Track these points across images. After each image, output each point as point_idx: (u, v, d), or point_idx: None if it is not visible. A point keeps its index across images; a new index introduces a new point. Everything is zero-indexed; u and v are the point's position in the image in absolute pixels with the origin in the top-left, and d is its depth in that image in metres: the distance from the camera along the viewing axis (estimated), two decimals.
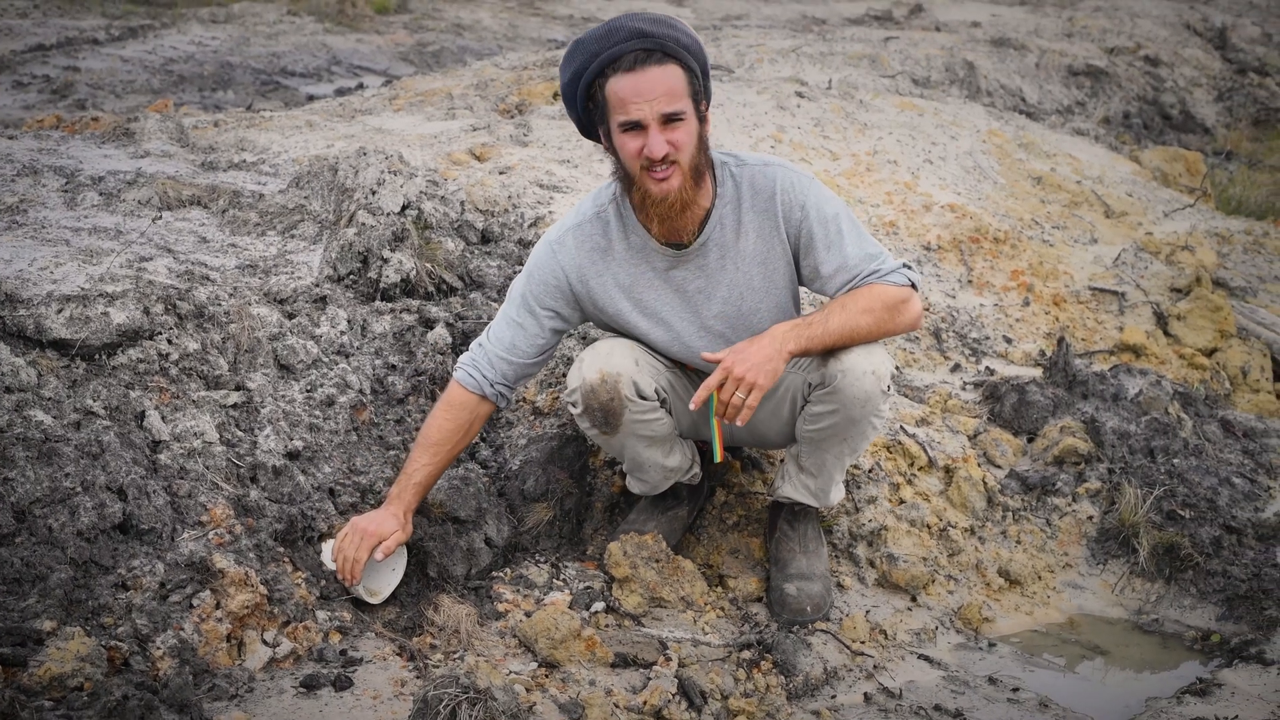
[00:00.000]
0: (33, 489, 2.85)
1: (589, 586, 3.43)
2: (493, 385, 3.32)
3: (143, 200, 4.47)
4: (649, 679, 3.09)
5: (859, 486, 3.86)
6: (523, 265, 3.87)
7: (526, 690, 2.92)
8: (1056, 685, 3.36)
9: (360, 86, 9.44)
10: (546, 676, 3.04)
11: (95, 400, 3.15)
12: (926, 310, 5.07)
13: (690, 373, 3.45)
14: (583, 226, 3.29)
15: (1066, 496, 4.06)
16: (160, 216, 4.34)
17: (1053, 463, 4.18)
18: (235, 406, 3.40)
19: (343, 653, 3.03)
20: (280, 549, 3.17)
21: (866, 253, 3.21)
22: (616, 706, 2.96)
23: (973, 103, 8.27)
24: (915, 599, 3.63)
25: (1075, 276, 5.62)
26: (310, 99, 8.83)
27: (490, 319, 3.86)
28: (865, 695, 3.22)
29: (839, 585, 3.62)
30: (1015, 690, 3.28)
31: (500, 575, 3.46)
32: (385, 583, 3.28)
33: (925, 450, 4.06)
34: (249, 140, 5.62)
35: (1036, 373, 4.76)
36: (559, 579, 3.47)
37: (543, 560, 3.57)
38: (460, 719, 2.60)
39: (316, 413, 3.56)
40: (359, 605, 3.24)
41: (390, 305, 4.05)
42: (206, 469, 3.19)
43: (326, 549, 3.24)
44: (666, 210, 3.11)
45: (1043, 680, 3.38)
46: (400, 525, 3.21)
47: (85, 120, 5.81)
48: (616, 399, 3.25)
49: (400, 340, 3.94)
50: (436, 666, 3.02)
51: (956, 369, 4.79)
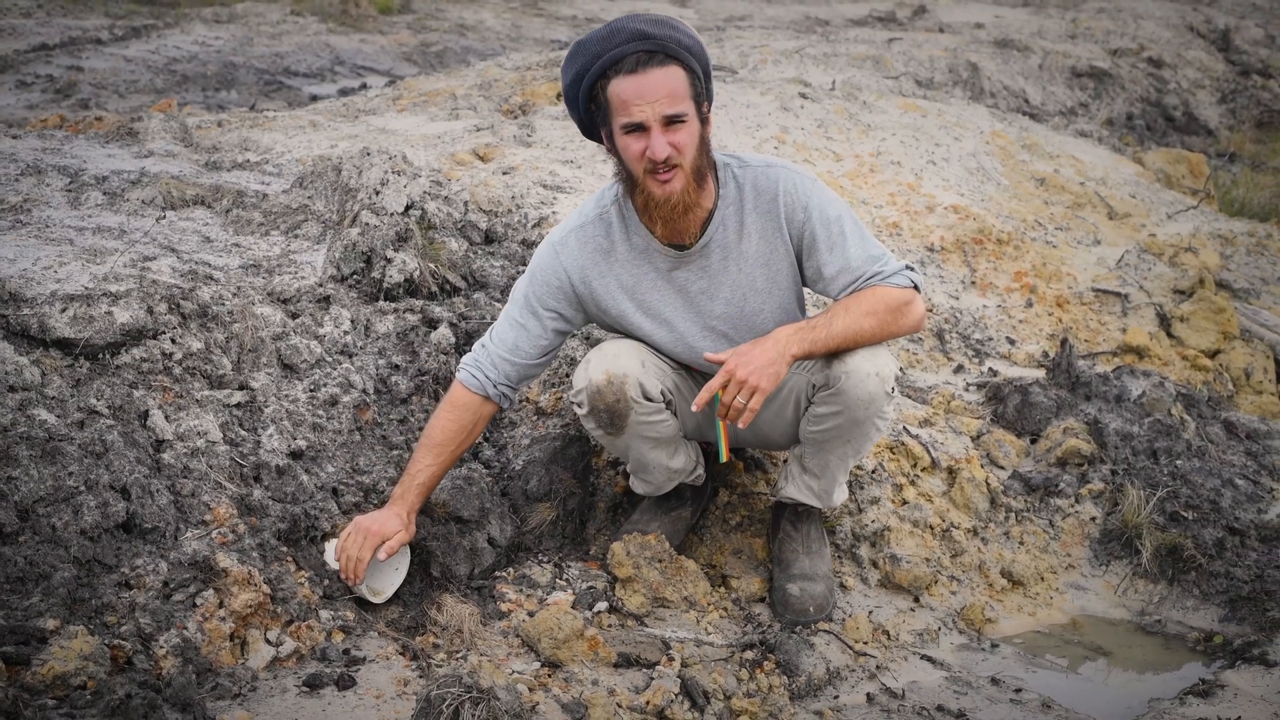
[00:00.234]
0: (36, 488, 2.86)
1: (592, 586, 3.43)
2: (496, 386, 3.32)
3: (147, 200, 4.48)
4: (652, 679, 3.09)
5: (862, 487, 3.86)
6: (526, 266, 3.87)
7: (529, 690, 2.92)
8: (1059, 686, 3.36)
9: (364, 87, 9.44)
10: (549, 676, 3.04)
11: (99, 399, 3.15)
12: (930, 311, 5.07)
13: (695, 374, 3.45)
14: (585, 228, 3.29)
15: (1069, 498, 4.06)
16: (164, 216, 4.34)
17: (1056, 464, 4.18)
18: (239, 406, 3.41)
19: (346, 652, 3.03)
20: (283, 548, 3.17)
21: (869, 254, 3.21)
22: (619, 706, 2.96)
23: (976, 104, 8.27)
24: (918, 600, 3.63)
25: (1078, 278, 5.61)
26: (314, 99, 8.83)
27: (493, 319, 3.86)
28: (868, 696, 3.22)
29: (842, 586, 3.62)
30: (1018, 691, 3.28)
31: (503, 575, 3.46)
32: (388, 582, 3.28)
33: (928, 451, 4.06)
34: (253, 140, 5.62)
35: (1039, 374, 4.76)
36: (562, 579, 3.47)
37: (546, 560, 3.57)
38: (463, 719, 2.60)
39: (320, 412, 3.56)
40: (362, 605, 3.24)
41: (394, 305, 4.05)
42: (210, 468, 3.19)
43: (330, 548, 3.24)
44: (669, 212, 3.11)
45: (1045, 681, 3.38)
46: (403, 525, 3.21)
47: (89, 120, 5.81)
48: (622, 400, 3.25)
49: (404, 340, 3.95)
50: (439, 666, 3.02)
51: (959, 370, 4.79)
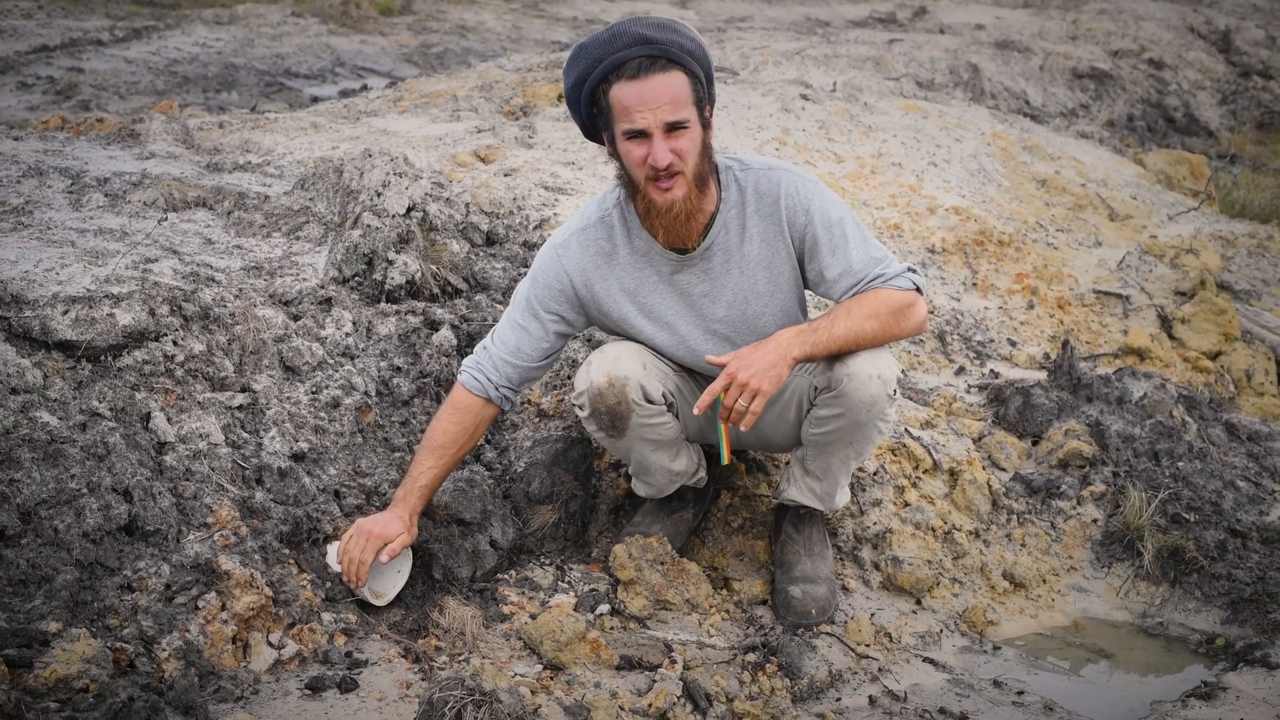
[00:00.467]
0: (38, 490, 2.86)
1: (594, 589, 3.43)
2: (497, 388, 3.32)
3: (148, 201, 4.48)
4: (654, 681, 3.09)
5: (864, 489, 3.86)
6: (528, 267, 3.87)
7: (531, 692, 2.92)
8: (1061, 688, 3.36)
9: (364, 88, 9.44)
10: (552, 679, 3.04)
11: (101, 402, 3.15)
12: (931, 313, 5.06)
13: (697, 376, 3.45)
14: (587, 230, 3.29)
15: (1071, 500, 4.06)
16: (166, 218, 4.34)
17: (1057, 466, 4.18)
18: (241, 408, 3.40)
19: (348, 655, 3.03)
20: (285, 551, 3.17)
21: (871, 257, 3.20)
22: (622, 709, 2.95)
23: (977, 105, 8.27)
24: (920, 602, 3.63)
25: (1079, 279, 5.61)
26: (314, 100, 8.83)
27: (495, 321, 3.86)
28: (870, 698, 3.22)
29: (844, 588, 3.62)
30: (1020, 693, 3.28)
31: (505, 577, 3.46)
32: (390, 585, 3.28)
33: (930, 453, 4.06)
34: (254, 142, 5.62)
35: (1041, 376, 4.76)
36: (564, 581, 3.47)
37: (548, 562, 3.57)
38: None
39: (322, 414, 3.56)
40: (364, 607, 3.24)
41: (395, 307, 4.05)
42: (212, 471, 3.19)
43: (332, 551, 3.24)
44: (671, 219, 3.11)
45: (1047, 683, 3.37)
46: (405, 527, 3.21)
47: (90, 121, 5.81)
48: (624, 402, 3.25)
49: (405, 342, 3.94)
50: (442, 668, 3.02)
51: (961, 372, 4.78)
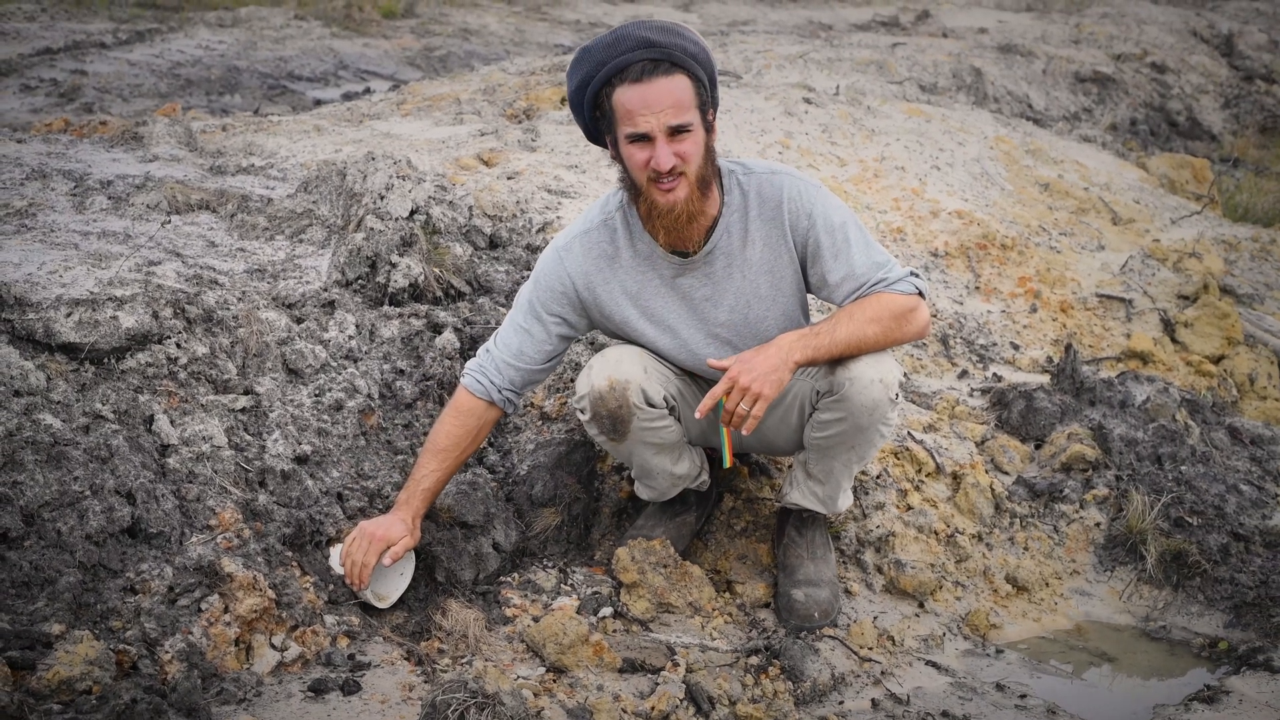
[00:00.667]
0: (42, 492, 2.86)
1: (597, 592, 3.43)
2: (500, 391, 3.32)
3: (151, 204, 4.48)
4: (657, 684, 3.09)
5: (867, 493, 3.86)
6: (530, 271, 3.87)
7: (534, 695, 2.92)
8: (1064, 692, 3.36)
9: (367, 91, 9.45)
10: (554, 681, 3.04)
11: (104, 404, 3.16)
12: (934, 317, 5.06)
13: (699, 380, 3.45)
14: (590, 234, 3.30)
15: (1074, 503, 4.06)
16: (169, 220, 4.35)
17: (1060, 469, 4.18)
18: (244, 411, 3.41)
19: (351, 657, 3.03)
20: (288, 553, 3.17)
21: (874, 261, 3.20)
22: (624, 712, 2.95)
23: (980, 109, 8.26)
24: (923, 605, 3.63)
25: (1082, 283, 5.61)
26: (317, 103, 8.85)
27: (498, 324, 3.86)
28: (873, 701, 3.21)
29: (847, 591, 3.61)
30: (1023, 697, 3.28)
31: (508, 580, 3.46)
32: (393, 587, 3.28)
33: (933, 457, 4.05)
34: (257, 145, 5.63)
35: (1044, 379, 4.76)
36: (567, 584, 3.47)
37: (550, 565, 3.57)
38: None
39: (325, 417, 3.56)
40: (367, 610, 3.24)
41: (398, 310, 4.05)
42: (215, 473, 3.19)
43: (335, 553, 3.24)
44: (673, 221, 3.11)
45: (1050, 687, 3.37)
46: (408, 530, 3.21)
47: (93, 124, 5.82)
48: (625, 406, 3.25)
49: (408, 345, 3.95)
50: (444, 671, 3.02)
51: (964, 375, 4.78)
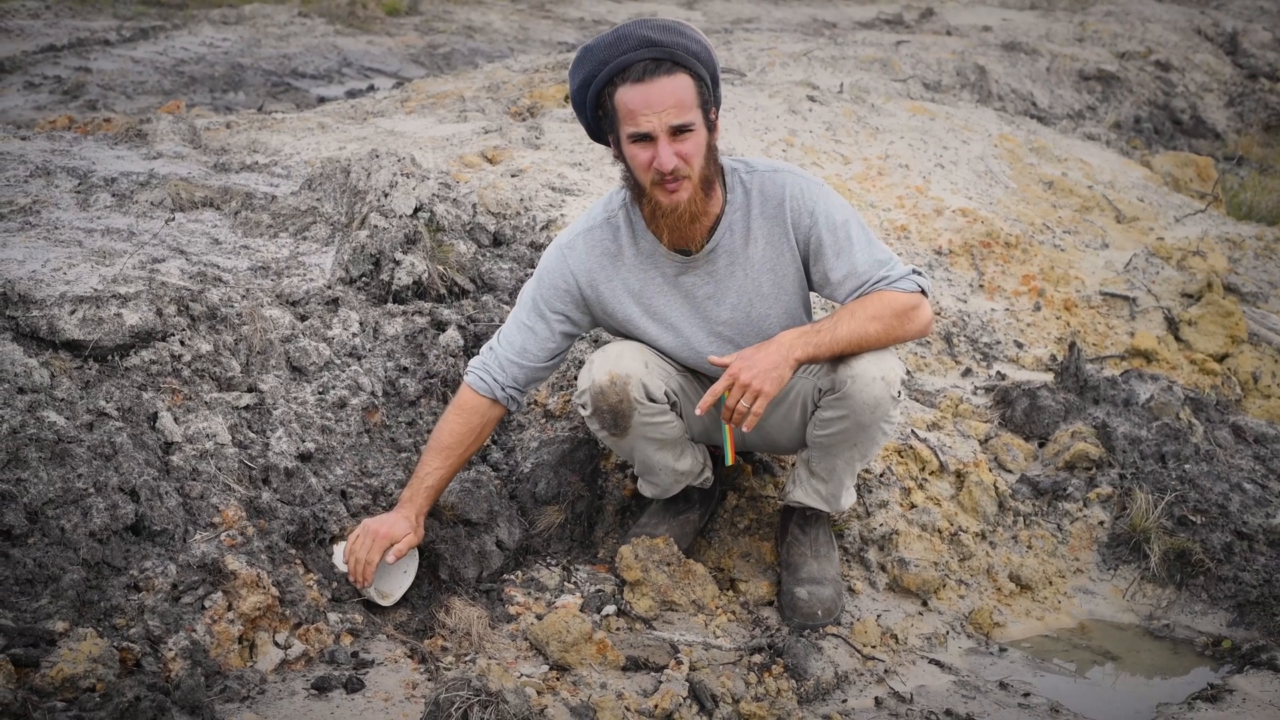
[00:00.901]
0: (45, 490, 2.86)
1: (600, 589, 3.43)
2: (504, 389, 3.32)
3: (155, 201, 4.48)
4: (660, 682, 3.09)
5: (870, 491, 3.86)
6: (534, 268, 3.87)
7: (538, 693, 2.92)
8: (1067, 690, 3.35)
9: (371, 88, 9.46)
10: (558, 679, 3.04)
11: (108, 401, 3.16)
12: (937, 315, 5.06)
13: (701, 377, 3.45)
14: (593, 231, 3.30)
15: (1078, 502, 4.06)
16: (173, 218, 4.35)
17: (1064, 468, 4.17)
18: (247, 408, 3.41)
19: (354, 655, 3.03)
20: (292, 551, 3.17)
21: (876, 259, 3.20)
22: (628, 710, 2.95)
23: (984, 107, 8.26)
24: (926, 603, 3.63)
25: (1086, 281, 5.61)
26: (321, 101, 8.86)
27: (502, 321, 3.86)
28: (876, 699, 3.21)
29: (850, 589, 3.61)
30: (1026, 695, 3.27)
31: (511, 578, 3.47)
32: (397, 585, 3.28)
33: (936, 455, 4.05)
34: (261, 142, 5.63)
35: (1048, 378, 4.76)
36: (570, 582, 3.47)
37: (554, 563, 3.57)
38: None
39: (328, 415, 3.56)
40: (370, 607, 3.24)
41: (402, 307, 4.05)
42: (219, 470, 3.20)
43: (338, 551, 3.25)
44: (676, 221, 3.11)
45: (1053, 685, 3.37)
46: (412, 528, 3.21)
47: (97, 121, 5.82)
48: (625, 401, 3.25)
49: (412, 342, 3.95)
50: (448, 669, 3.02)
51: (967, 373, 4.78)
